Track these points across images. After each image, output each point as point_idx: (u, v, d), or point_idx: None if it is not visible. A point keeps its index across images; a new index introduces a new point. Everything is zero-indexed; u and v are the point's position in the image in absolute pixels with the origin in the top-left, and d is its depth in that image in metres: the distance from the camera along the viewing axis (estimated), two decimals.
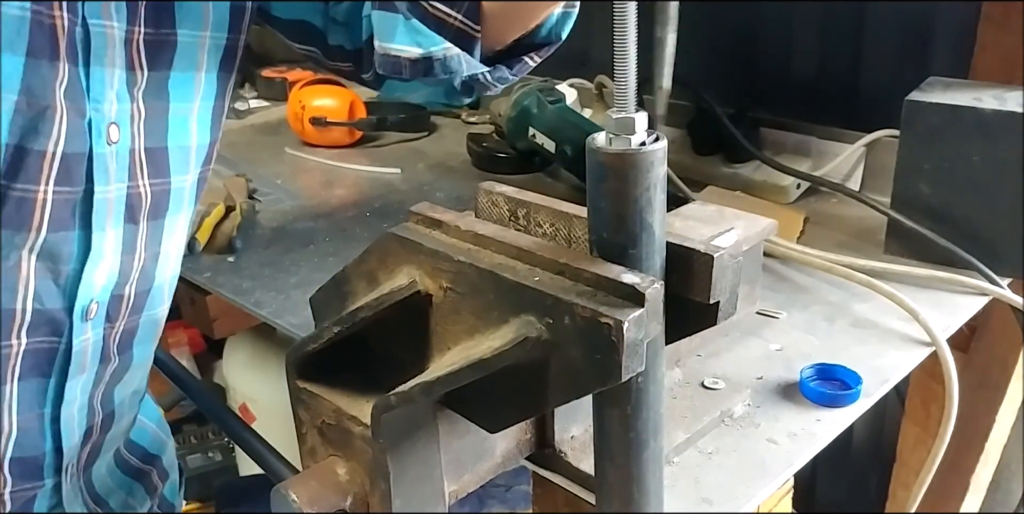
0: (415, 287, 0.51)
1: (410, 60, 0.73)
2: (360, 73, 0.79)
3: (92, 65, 0.59)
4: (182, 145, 0.68)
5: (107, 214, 0.63)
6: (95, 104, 0.60)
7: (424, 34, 0.72)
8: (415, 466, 0.54)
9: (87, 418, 0.69)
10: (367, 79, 0.80)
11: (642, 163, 0.42)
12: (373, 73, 0.78)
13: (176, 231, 0.71)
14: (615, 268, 0.43)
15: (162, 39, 0.64)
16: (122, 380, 0.72)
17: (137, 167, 0.64)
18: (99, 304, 0.65)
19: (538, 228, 0.52)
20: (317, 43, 0.78)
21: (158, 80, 0.65)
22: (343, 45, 0.78)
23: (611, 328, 0.41)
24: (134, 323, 0.69)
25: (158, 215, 0.68)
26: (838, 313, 0.85)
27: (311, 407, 0.57)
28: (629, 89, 0.43)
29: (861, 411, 0.71)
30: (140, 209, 0.66)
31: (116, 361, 0.69)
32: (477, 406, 0.52)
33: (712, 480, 0.63)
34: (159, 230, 0.68)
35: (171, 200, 0.68)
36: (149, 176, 0.65)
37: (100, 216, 0.62)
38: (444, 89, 0.77)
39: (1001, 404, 1.12)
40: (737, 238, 0.75)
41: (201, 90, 0.69)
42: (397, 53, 0.73)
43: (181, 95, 0.67)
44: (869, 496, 1.44)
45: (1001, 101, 0.87)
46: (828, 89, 1.25)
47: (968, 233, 0.89)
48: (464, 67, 0.73)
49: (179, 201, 0.70)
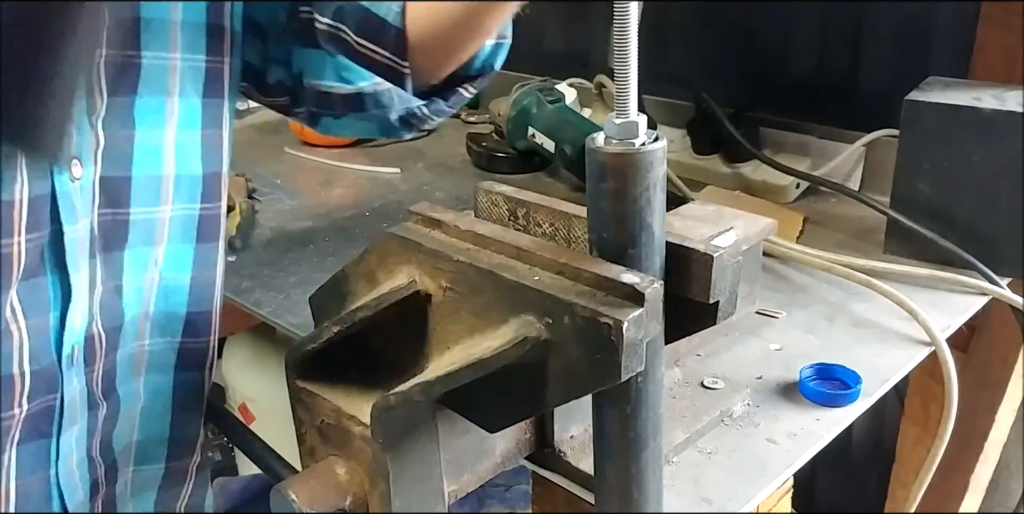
0: (415, 287, 0.51)
1: (341, 96, 0.72)
2: (295, 107, 0.77)
3: None
4: (151, 174, 0.64)
5: (79, 252, 0.59)
6: None
7: (352, 70, 0.71)
8: (415, 466, 0.54)
9: (89, 472, 0.65)
10: (300, 115, 0.78)
11: (642, 163, 0.42)
12: (306, 110, 0.76)
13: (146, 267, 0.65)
14: (615, 268, 0.43)
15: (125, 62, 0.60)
16: (116, 426, 0.67)
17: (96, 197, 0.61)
18: (77, 347, 0.61)
19: (537, 228, 0.52)
20: (252, 80, 0.75)
21: (121, 106, 0.61)
22: (281, 81, 0.76)
23: (611, 328, 0.41)
24: (111, 364, 0.65)
25: (113, 247, 0.63)
26: (838, 313, 0.85)
27: (311, 407, 0.57)
28: (630, 92, 0.42)
29: (861, 411, 0.71)
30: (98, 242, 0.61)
31: (104, 407, 0.65)
32: (477, 406, 0.52)
33: (711, 480, 0.63)
34: (116, 263, 0.63)
35: (131, 232, 0.63)
36: (102, 206, 0.61)
37: (73, 256, 0.59)
38: (379, 124, 0.76)
39: (1000, 404, 1.12)
40: (736, 238, 0.75)
41: (176, 116, 0.65)
42: (327, 90, 0.73)
43: (149, 121, 0.63)
44: (869, 496, 1.44)
45: (1001, 101, 0.87)
46: (828, 89, 1.25)
47: (968, 233, 0.89)
48: (397, 101, 0.72)
49: (145, 234, 0.64)
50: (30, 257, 0.56)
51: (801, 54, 1.27)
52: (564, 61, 1.51)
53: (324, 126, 0.78)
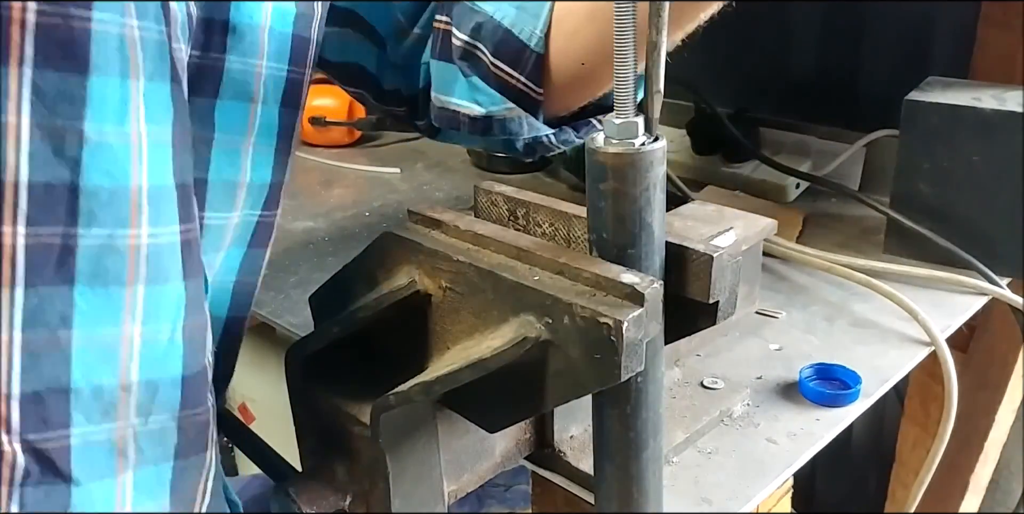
0: (414, 287, 0.51)
1: (469, 117, 0.69)
2: (415, 119, 0.75)
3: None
4: (228, 180, 0.60)
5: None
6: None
7: (484, 92, 0.68)
8: (414, 466, 0.54)
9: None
10: (422, 126, 0.75)
11: (641, 163, 0.42)
12: (428, 121, 0.74)
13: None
14: (614, 268, 0.43)
15: (209, 64, 0.56)
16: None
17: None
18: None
19: (537, 228, 0.52)
20: (368, 87, 0.73)
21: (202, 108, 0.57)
22: (399, 89, 0.73)
23: (610, 328, 0.40)
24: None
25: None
26: (837, 313, 0.85)
27: (310, 407, 0.57)
28: (629, 93, 0.42)
29: (860, 411, 0.71)
30: None
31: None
32: (476, 406, 0.52)
33: (711, 480, 0.63)
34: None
35: (203, 237, 0.58)
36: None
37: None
38: (504, 143, 0.73)
39: (1000, 404, 1.12)
40: (736, 238, 0.75)
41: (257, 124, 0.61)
42: (455, 108, 0.69)
43: (230, 126, 0.59)
44: (868, 496, 1.44)
45: (1001, 101, 0.87)
46: (827, 89, 1.25)
47: (968, 233, 0.89)
48: (526, 129, 0.69)
49: (214, 239, 0.60)
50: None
51: (801, 54, 1.27)
52: None
53: (445, 136, 0.76)
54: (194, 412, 0.51)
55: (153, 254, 0.46)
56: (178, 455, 0.50)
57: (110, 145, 0.44)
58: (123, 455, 0.47)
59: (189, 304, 0.49)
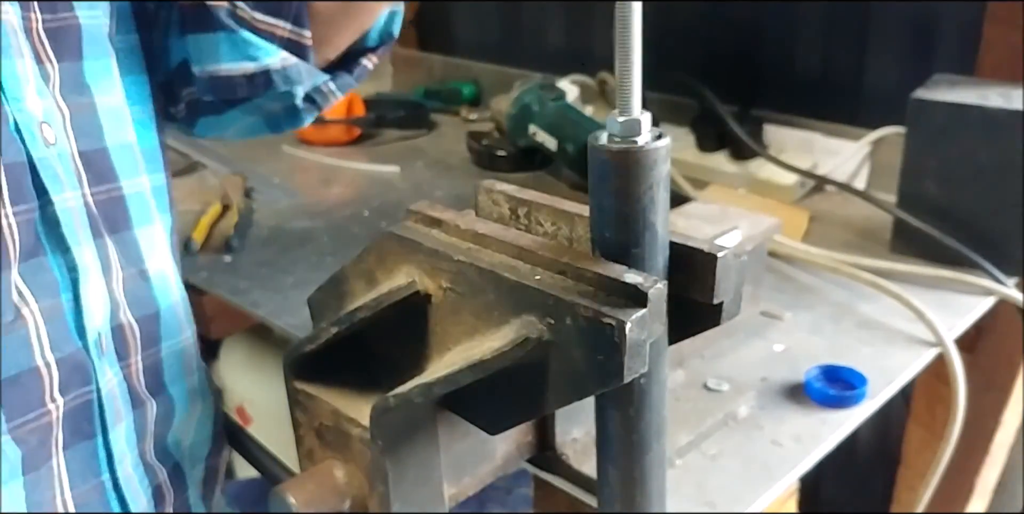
0: (414, 287, 0.50)
1: (245, 77, 0.67)
2: (169, 106, 0.72)
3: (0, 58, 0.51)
4: (123, 143, 0.60)
5: (76, 225, 0.55)
6: (15, 103, 0.52)
7: (256, 45, 0.67)
8: (414, 468, 0.53)
9: (148, 476, 0.62)
10: (177, 114, 0.73)
11: (645, 161, 0.41)
12: (184, 106, 0.72)
13: (156, 247, 0.62)
14: (617, 268, 0.43)
15: (64, 25, 0.56)
16: (172, 429, 0.64)
17: (81, 172, 0.57)
18: (105, 337, 0.57)
19: (539, 227, 0.51)
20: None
21: (72, 72, 0.57)
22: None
23: (613, 329, 0.40)
24: (153, 358, 0.61)
25: (119, 227, 0.59)
26: (843, 313, 0.84)
27: (309, 409, 0.57)
28: (633, 91, 0.42)
29: (867, 413, 0.71)
30: (99, 220, 0.57)
31: (153, 406, 0.61)
32: (477, 407, 0.51)
33: (716, 483, 0.63)
34: (131, 245, 0.60)
35: (130, 209, 0.60)
36: (92, 183, 0.57)
37: (71, 229, 0.54)
38: (264, 118, 0.72)
39: (1007, 406, 1.11)
40: (741, 237, 0.75)
41: (121, 79, 0.61)
42: (227, 73, 0.67)
43: (103, 86, 0.59)
44: (874, 498, 1.43)
45: (1007, 99, 0.86)
46: (833, 86, 1.25)
47: (975, 232, 0.88)
48: (304, 76, 0.68)
49: (143, 209, 0.61)
50: (24, 234, 0.52)
51: (806, 51, 1.26)
52: (565, 58, 1.50)
53: (203, 126, 0.74)
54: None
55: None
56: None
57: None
58: None
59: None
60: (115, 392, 0.58)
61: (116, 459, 0.58)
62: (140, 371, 0.60)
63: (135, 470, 0.60)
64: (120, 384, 0.58)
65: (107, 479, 0.57)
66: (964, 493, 1.20)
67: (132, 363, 0.60)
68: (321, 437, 0.57)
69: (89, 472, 0.56)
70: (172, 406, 0.63)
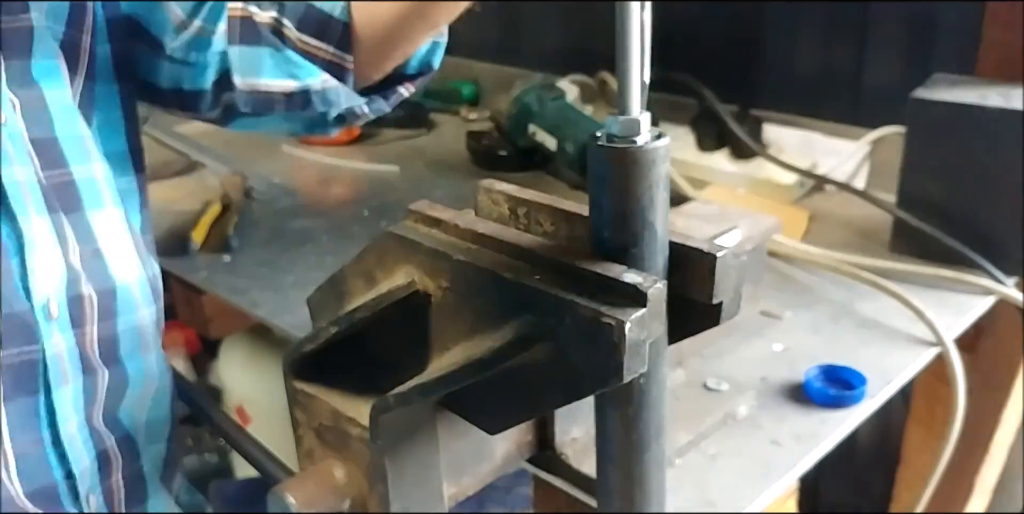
0: (414, 287, 0.50)
1: (284, 94, 0.70)
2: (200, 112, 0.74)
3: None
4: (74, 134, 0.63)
5: (24, 198, 0.58)
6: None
7: (299, 64, 0.69)
8: (414, 468, 0.53)
9: (93, 441, 0.64)
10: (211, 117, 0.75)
11: (645, 160, 0.41)
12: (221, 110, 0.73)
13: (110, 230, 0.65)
14: (617, 267, 0.43)
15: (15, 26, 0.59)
16: (124, 401, 0.66)
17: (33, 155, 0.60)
18: (59, 305, 0.60)
19: (539, 227, 0.51)
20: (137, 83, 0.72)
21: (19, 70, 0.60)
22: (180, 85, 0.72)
23: (613, 328, 0.40)
24: (109, 330, 0.64)
25: (72, 207, 0.62)
26: (843, 313, 0.84)
27: (308, 409, 0.57)
28: (633, 91, 0.42)
29: (866, 413, 0.71)
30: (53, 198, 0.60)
31: (105, 375, 0.64)
32: (477, 407, 0.51)
33: (715, 483, 0.63)
34: (85, 226, 0.63)
35: (81, 192, 0.63)
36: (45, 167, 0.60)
37: (18, 200, 0.58)
38: (303, 122, 0.74)
39: (1006, 405, 1.11)
40: (740, 237, 0.75)
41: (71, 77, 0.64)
42: (267, 89, 0.70)
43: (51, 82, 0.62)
44: (873, 498, 1.43)
45: (1006, 99, 0.86)
46: (832, 86, 1.24)
47: (974, 231, 0.88)
48: (343, 99, 0.70)
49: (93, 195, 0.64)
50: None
51: (805, 51, 1.26)
52: (565, 57, 1.50)
53: (239, 124, 0.75)
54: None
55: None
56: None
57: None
58: None
59: None
60: (63, 356, 0.61)
61: (61, 418, 0.61)
62: (95, 340, 0.63)
63: (79, 432, 0.63)
64: (72, 349, 0.61)
65: (47, 435, 0.60)
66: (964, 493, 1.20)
67: (87, 331, 0.63)
68: (320, 437, 0.57)
69: (29, 426, 0.59)
70: (126, 378, 0.66)
